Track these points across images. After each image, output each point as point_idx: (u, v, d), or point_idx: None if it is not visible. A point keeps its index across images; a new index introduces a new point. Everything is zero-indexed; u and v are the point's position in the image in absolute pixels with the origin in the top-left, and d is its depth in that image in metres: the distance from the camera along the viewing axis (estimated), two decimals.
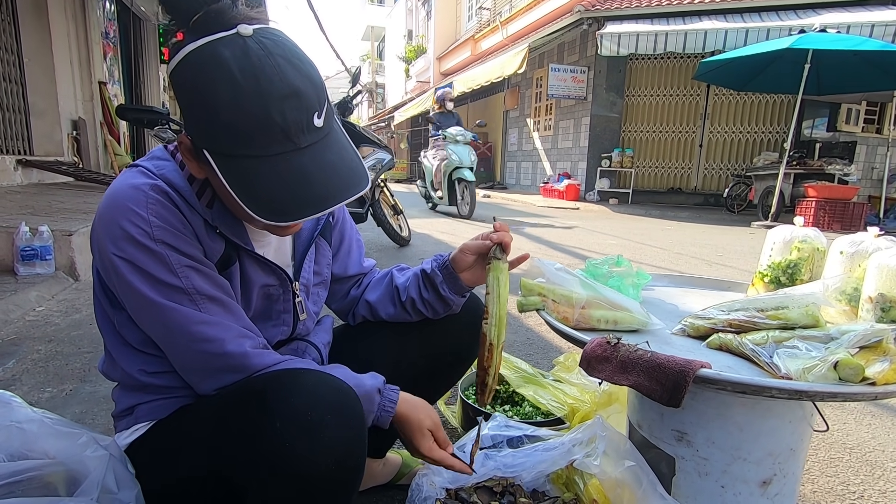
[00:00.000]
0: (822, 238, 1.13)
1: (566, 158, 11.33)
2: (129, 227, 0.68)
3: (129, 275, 0.69)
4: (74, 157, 5.89)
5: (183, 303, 0.71)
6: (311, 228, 0.93)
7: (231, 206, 0.74)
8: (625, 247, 4.92)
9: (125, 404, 0.80)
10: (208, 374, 0.75)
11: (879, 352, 0.72)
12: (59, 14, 5.62)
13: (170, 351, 0.75)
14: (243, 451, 0.65)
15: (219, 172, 0.63)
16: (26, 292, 2.41)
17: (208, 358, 0.73)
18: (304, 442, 0.62)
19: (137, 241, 0.68)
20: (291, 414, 0.63)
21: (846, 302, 0.98)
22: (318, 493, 0.65)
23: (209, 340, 0.72)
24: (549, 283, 1.01)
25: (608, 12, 9.08)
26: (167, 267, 0.69)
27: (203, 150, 0.64)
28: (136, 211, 0.68)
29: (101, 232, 0.70)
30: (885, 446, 1.42)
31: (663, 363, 0.75)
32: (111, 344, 0.80)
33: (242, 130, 0.61)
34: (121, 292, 0.73)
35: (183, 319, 0.71)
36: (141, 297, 0.70)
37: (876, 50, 5.91)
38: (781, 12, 8.42)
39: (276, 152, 0.62)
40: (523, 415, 1.37)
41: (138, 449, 0.78)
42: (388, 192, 4.36)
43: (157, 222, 0.69)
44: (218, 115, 0.60)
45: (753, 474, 0.89)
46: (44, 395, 1.55)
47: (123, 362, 0.78)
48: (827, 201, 6.86)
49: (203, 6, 0.62)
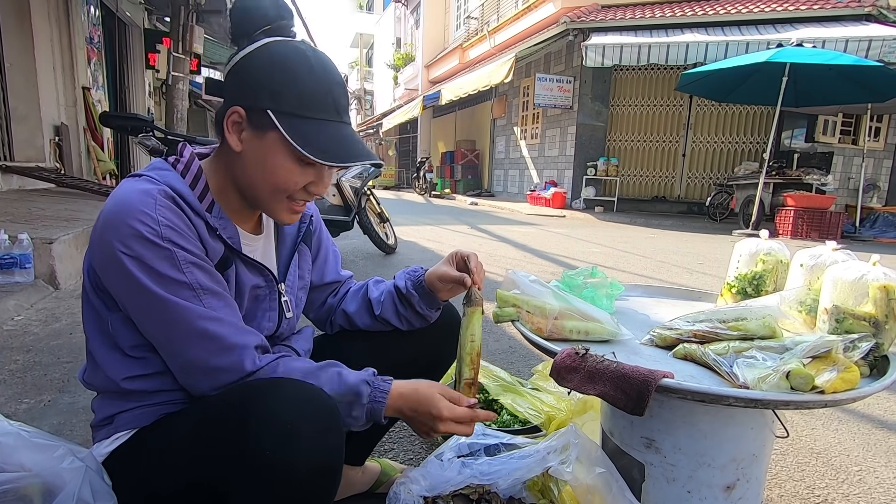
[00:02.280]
0: (785, 251, 1.18)
1: (553, 166, 11.46)
2: (139, 226, 0.71)
3: (136, 271, 0.71)
4: (56, 164, 5.82)
5: (188, 298, 0.74)
6: (293, 235, 0.98)
7: (252, 180, 0.81)
8: (608, 255, 4.99)
9: (105, 413, 0.81)
10: (207, 373, 0.76)
11: (829, 362, 0.76)
12: (42, 18, 5.57)
13: (170, 349, 0.76)
14: (223, 458, 0.67)
15: (280, 127, 0.75)
16: (4, 301, 2.38)
17: (209, 354, 0.75)
18: (282, 448, 0.64)
19: (146, 239, 0.71)
20: (270, 421, 0.66)
21: (806, 312, 1.02)
22: (296, 500, 0.68)
23: (211, 337, 0.74)
24: (523, 295, 1.04)
25: (593, 24, 9.26)
26: (173, 263, 0.73)
27: (268, 111, 0.76)
28: (145, 212, 0.72)
29: (107, 232, 0.72)
30: (850, 451, 1.47)
31: (628, 373, 0.79)
32: (98, 350, 0.80)
33: (311, 97, 0.77)
34: (123, 291, 0.74)
35: (187, 315, 0.73)
36: (146, 293, 0.72)
37: (850, 64, 6.10)
38: (760, 26, 8.66)
39: (329, 119, 0.79)
40: (501, 423, 1.39)
41: (118, 458, 0.79)
42: (374, 199, 4.38)
43: (166, 222, 0.73)
44: (296, 83, 0.76)
45: (718, 479, 0.93)
46: (21, 407, 1.54)
47: (108, 368, 0.79)
48: (805, 210, 7.03)
49: (270, 21, 0.80)
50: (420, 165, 15.64)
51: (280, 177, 0.79)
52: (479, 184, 15.34)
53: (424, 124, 18.92)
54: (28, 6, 5.30)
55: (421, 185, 15.37)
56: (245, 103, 0.78)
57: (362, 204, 4.12)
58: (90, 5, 6.88)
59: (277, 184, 0.80)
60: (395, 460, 1.31)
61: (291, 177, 0.79)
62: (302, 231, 0.99)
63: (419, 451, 1.38)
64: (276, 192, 0.81)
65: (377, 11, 28.36)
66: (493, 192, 14.66)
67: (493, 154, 14.70)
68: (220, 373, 0.76)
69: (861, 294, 0.89)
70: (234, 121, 0.79)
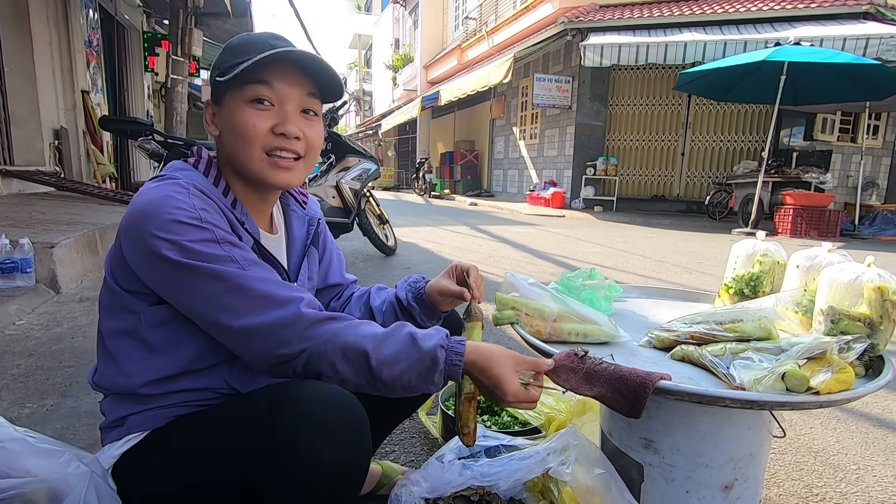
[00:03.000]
0: (782, 252, 1.19)
1: (552, 166, 11.47)
2: (177, 212, 0.73)
3: (178, 255, 0.72)
4: (56, 167, 5.83)
5: (234, 268, 0.75)
6: (303, 237, 1.01)
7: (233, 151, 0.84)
8: (608, 255, 5.00)
9: (116, 414, 0.81)
10: (269, 331, 0.73)
11: (824, 363, 0.77)
12: (41, 22, 5.58)
13: (225, 320, 0.73)
14: (257, 454, 0.69)
15: (221, 77, 0.81)
16: (6, 306, 2.39)
17: (267, 312, 0.73)
18: (315, 443, 0.67)
19: (185, 223, 0.73)
20: (303, 416, 0.68)
21: (802, 313, 1.03)
22: (327, 493, 0.70)
23: (265, 296, 0.74)
24: (522, 298, 1.05)
25: (591, 24, 9.27)
26: (214, 240, 0.75)
27: (215, 79, 0.82)
28: (181, 199, 0.75)
29: (143, 223, 0.73)
30: (849, 450, 1.48)
31: (625, 375, 0.79)
32: (121, 350, 0.80)
33: (244, 48, 0.82)
34: (166, 278, 0.74)
35: (237, 280, 0.74)
36: (192, 270, 0.72)
37: (848, 62, 6.11)
38: (758, 25, 8.67)
39: (262, 52, 0.80)
40: (501, 424, 1.40)
41: (132, 458, 0.79)
42: (373, 201, 4.39)
43: (201, 205, 0.76)
44: (233, 49, 0.84)
45: (716, 479, 0.94)
46: (24, 411, 1.55)
47: (131, 366, 0.79)
48: (804, 209, 7.04)
49: None
50: (419, 166, 15.66)
51: (241, 126, 0.81)
52: (478, 184, 15.35)
53: (423, 125, 18.93)
54: (27, 10, 5.31)
55: (420, 186, 15.38)
56: (211, 96, 0.85)
57: (362, 206, 4.13)
58: (89, 9, 6.89)
59: (243, 135, 0.81)
60: (395, 462, 1.32)
61: (249, 121, 0.81)
62: (311, 234, 1.02)
63: (420, 453, 1.39)
64: (248, 146, 0.82)
65: (375, 12, 28.38)
66: (492, 192, 14.67)
67: (492, 154, 14.71)
68: (282, 328, 0.73)
69: (856, 295, 0.90)
70: (209, 113, 0.87)
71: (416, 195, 15.72)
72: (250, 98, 0.81)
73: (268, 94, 0.82)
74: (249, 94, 0.81)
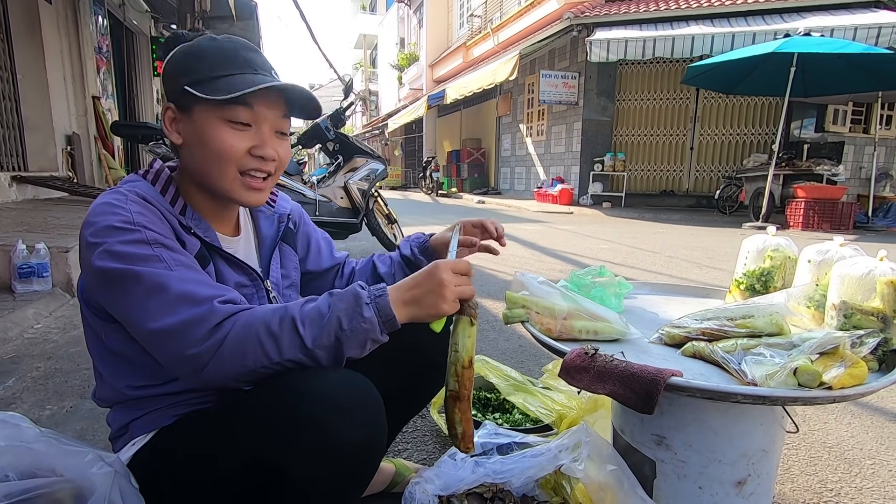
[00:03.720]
0: (793, 246, 1.19)
1: (559, 163, 11.42)
2: (111, 218, 0.74)
3: (107, 260, 0.72)
4: (69, 172, 5.92)
5: (159, 269, 0.73)
6: (272, 236, 1.01)
7: (199, 165, 0.83)
8: (617, 251, 4.98)
9: (119, 423, 0.84)
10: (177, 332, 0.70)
11: (837, 357, 0.77)
12: (52, 30, 5.66)
13: (148, 321, 0.70)
14: (278, 437, 0.70)
15: (196, 91, 0.78)
16: (24, 310, 2.43)
17: (182, 313, 0.70)
18: (337, 423, 0.69)
19: (116, 227, 0.73)
20: (323, 400, 0.69)
21: (814, 308, 1.03)
22: (346, 473, 0.72)
23: (186, 296, 0.71)
24: (532, 296, 1.06)
25: (597, 18, 9.21)
26: (143, 241, 0.74)
27: (185, 87, 0.79)
28: (116, 205, 0.75)
29: (82, 234, 0.75)
30: (864, 444, 1.47)
31: (636, 372, 0.80)
32: (100, 362, 0.83)
33: (219, 61, 0.81)
34: (101, 283, 0.74)
35: (162, 278, 0.71)
36: (120, 276, 0.71)
37: (859, 52, 6.02)
38: (767, 16, 8.56)
39: (243, 72, 0.81)
40: (513, 422, 1.41)
41: (140, 460, 0.81)
42: (381, 201, 4.41)
43: (137, 210, 0.76)
44: (203, 56, 0.81)
45: (729, 475, 0.94)
46: (44, 413, 1.58)
47: (112, 378, 0.82)
48: (816, 202, 6.95)
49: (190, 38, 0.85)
50: (426, 165, 15.67)
51: (217, 145, 0.80)
52: (485, 182, 15.34)
53: (429, 124, 18.94)
54: (38, 19, 5.39)
55: (427, 185, 15.40)
56: (170, 96, 0.83)
57: (370, 206, 4.14)
58: (98, 15, 6.98)
59: (219, 154, 0.80)
60: (408, 460, 1.33)
61: (227, 140, 0.80)
62: (281, 230, 1.02)
63: (433, 451, 1.40)
64: (222, 165, 0.81)
65: (380, 12, 28.42)
66: (499, 189, 14.65)
67: (499, 152, 14.68)
68: (191, 326, 0.69)
69: (868, 289, 0.90)
70: (169, 117, 0.83)
71: (424, 194, 15.73)
72: (229, 118, 0.80)
73: (247, 117, 0.81)
74: (229, 114, 0.79)
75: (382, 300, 0.74)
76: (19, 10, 5.23)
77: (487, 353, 1.97)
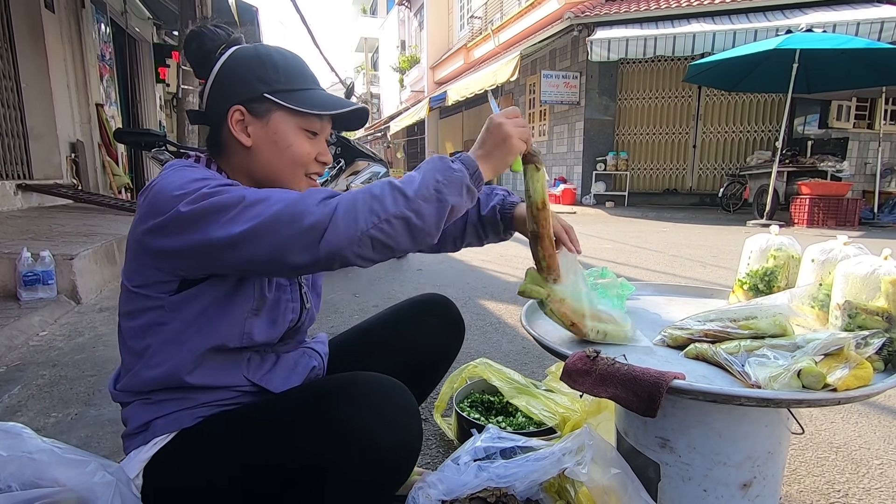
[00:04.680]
0: (797, 246, 1.18)
1: (562, 163, 11.41)
2: (190, 174, 0.78)
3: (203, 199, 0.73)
4: (73, 180, 5.95)
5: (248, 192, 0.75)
6: None
7: (272, 167, 0.88)
8: (620, 250, 4.96)
9: (140, 420, 0.83)
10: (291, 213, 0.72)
11: (842, 358, 0.76)
12: (55, 38, 5.70)
13: (255, 220, 0.72)
14: (319, 439, 0.73)
15: (281, 101, 0.85)
16: (29, 317, 2.45)
17: (284, 197, 0.73)
18: (372, 426, 0.73)
19: (202, 178, 0.77)
20: (362, 404, 0.74)
21: (819, 308, 1.02)
22: (384, 474, 0.76)
23: (282, 194, 0.74)
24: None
25: (598, 18, 9.20)
26: (229, 184, 0.78)
27: (264, 94, 0.85)
28: (190, 167, 0.82)
29: (162, 196, 0.75)
30: (871, 444, 1.46)
31: (639, 375, 0.79)
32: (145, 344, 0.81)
33: (292, 73, 0.88)
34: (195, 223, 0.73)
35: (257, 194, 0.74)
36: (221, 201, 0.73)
37: (863, 48, 5.99)
38: (768, 13, 8.53)
39: (313, 87, 0.90)
40: (516, 425, 1.40)
41: (162, 460, 0.80)
42: None
43: (211, 173, 0.83)
44: (276, 66, 0.86)
45: (734, 477, 0.93)
46: (49, 421, 1.59)
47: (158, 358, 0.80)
48: (821, 198, 6.91)
49: (226, 41, 0.90)
50: None
51: (295, 151, 0.87)
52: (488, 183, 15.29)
53: (432, 126, 18.96)
54: (41, 27, 5.43)
55: None
56: (240, 98, 0.85)
57: None
58: (101, 23, 7.03)
59: (295, 159, 0.88)
60: None
61: (304, 148, 0.88)
62: None
63: (436, 455, 1.40)
64: (296, 168, 0.89)
65: (381, 15, 28.48)
66: None
67: None
68: (298, 203, 0.72)
69: (873, 289, 0.89)
70: (237, 119, 0.86)
71: None
72: (305, 127, 0.88)
73: (317, 128, 0.90)
74: (305, 123, 0.87)
75: (465, 156, 0.83)
76: (23, 19, 5.28)
77: (490, 356, 1.97)
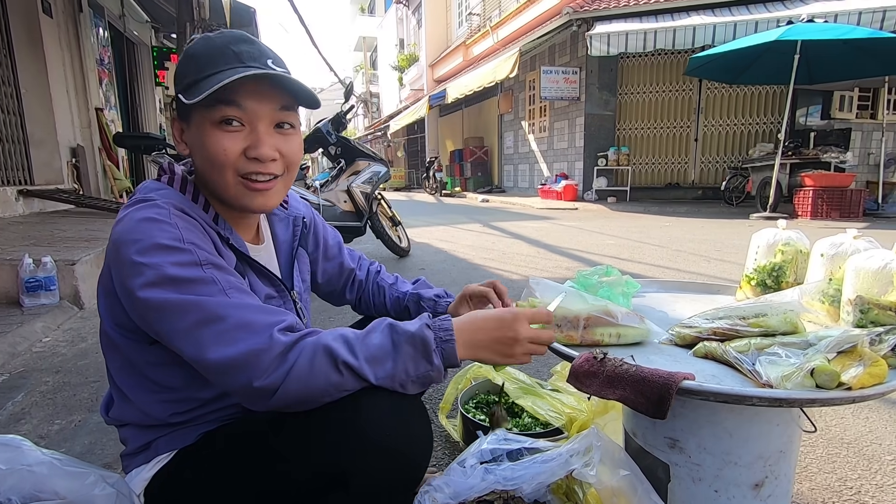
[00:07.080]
0: (804, 240, 1.16)
1: (563, 159, 11.37)
2: (158, 235, 0.70)
3: (161, 289, 0.68)
4: (74, 185, 5.95)
5: (215, 294, 0.70)
6: (289, 240, 1.00)
7: (203, 173, 0.80)
8: (623, 246, 4.94)
9: (140, 441, 0.81)
10: (245, 363, 0.67)
11: (855, 356, 0.74)
12: (53, 44, 5.70)
13: (206, 351, 0.67)
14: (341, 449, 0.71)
15: (184, 98, 0.75)
16: (32, 324, 2.44)
17: (244, 342, 0.68)
18: (393, 430, 0.72)
19: (167, 247, 0.69)
20: (379, 406, 0.72)
21: (829, 303, 1.00)
22: (406, 478, 0.76)
23: (247, 324, 0.69)
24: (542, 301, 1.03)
25: (597, 13, 9.15)
26: (196, 263, 0.70)
27: (178, 95, 0.77)
28: (160, 220, 0.71)
29: (123, 252, 0.69)
30: (883, 440, 1.44)
31: (647, 377, 0.78)
32: (132, 387, 0.79)
33: (206, 60, 0.76)
34: (152, 313, 0.69)
35: (220, 307, 0.69)
36: (175, 302, 0.68)
37: (864, 38, 5.94)
38: (769, 4, 8.47)
39: (229, 67, 0.75)
40: (523, 426, 1.39)
41: (164, 479, 0.78)
42: (385, 203, 4.40)
43: (184, 225, 0.73)
44: (192, 58, 0.77)
45: (745, 477, 0.91)
46: (53, 428, 1.58)
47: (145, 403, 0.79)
48: (824, 190, 6.86)
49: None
50: (429, 165, 15.67)
51: (209, 151, 0.76)
52: (489, 180, 15.30)
53: (431, 124, 18.93)
54: (40, 32, 5.42)
55: (431, 185, 15.39)
56: (176, 107, 0.81)
57: (374, 209, 4.14)
58: (99, 27, 7.02)
59: (215, 159, 0.76)
60: None
61: (220, 145, 0.75)
62: (297, 236, 1.01)
63: (441, 457, 1.39)
64: (221, 170, 0.77)
65: (379, 14, 28.42)
66: (503, 187, 14.61)
67: (501, 150, 14.64)
68: (252, 357, 0.67)
69: (885, 283, 0.87)
70: (177, 128, 0.82)
71: (428, 194, 15.73)
72: (218, 119, 0.75)
73: (237, 115, 0.76)
74: (216, 115, 0.75)
75: (449, 347, 0.75)
76: (21, 24, 5.27)
77: None
